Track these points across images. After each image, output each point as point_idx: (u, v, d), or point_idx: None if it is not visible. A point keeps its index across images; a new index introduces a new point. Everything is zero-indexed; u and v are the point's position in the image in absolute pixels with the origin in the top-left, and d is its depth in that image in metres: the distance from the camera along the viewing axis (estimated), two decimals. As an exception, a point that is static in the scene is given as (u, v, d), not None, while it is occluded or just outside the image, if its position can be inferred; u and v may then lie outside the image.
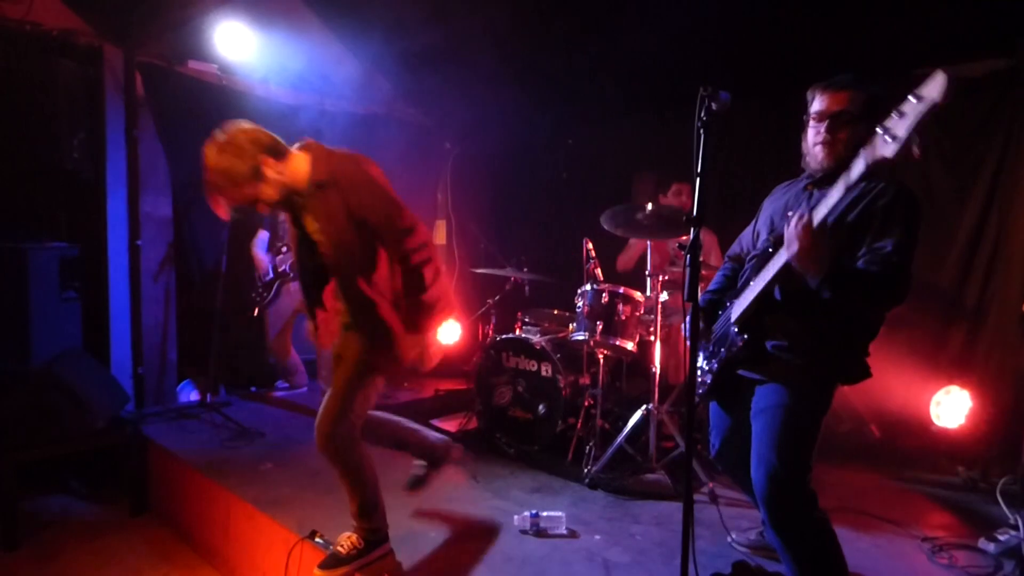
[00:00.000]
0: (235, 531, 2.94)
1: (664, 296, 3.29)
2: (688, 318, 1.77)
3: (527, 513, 2.66)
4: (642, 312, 3.42)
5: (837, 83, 1.92)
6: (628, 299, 3.37)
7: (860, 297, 1.81)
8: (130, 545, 3.22)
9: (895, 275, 1.78)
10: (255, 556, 2.80)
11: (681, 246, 3.85)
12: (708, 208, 1.95)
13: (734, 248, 2.37)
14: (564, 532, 2.64)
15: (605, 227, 3.60)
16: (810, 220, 1.72)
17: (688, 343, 2.18)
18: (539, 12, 4.24)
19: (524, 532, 2.63)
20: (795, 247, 1.74)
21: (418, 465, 2.69)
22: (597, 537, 2.63)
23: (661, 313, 3.30)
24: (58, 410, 3.36)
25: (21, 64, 4.05)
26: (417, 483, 2.67)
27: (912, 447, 3.49)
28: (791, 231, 1.75)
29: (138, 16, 4.05)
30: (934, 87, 1.45)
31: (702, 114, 1.76)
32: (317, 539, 2.47)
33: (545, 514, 2.67)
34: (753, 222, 2.29)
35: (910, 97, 1.50)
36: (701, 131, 1.75)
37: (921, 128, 1.49)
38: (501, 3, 4.19)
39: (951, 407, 3.38)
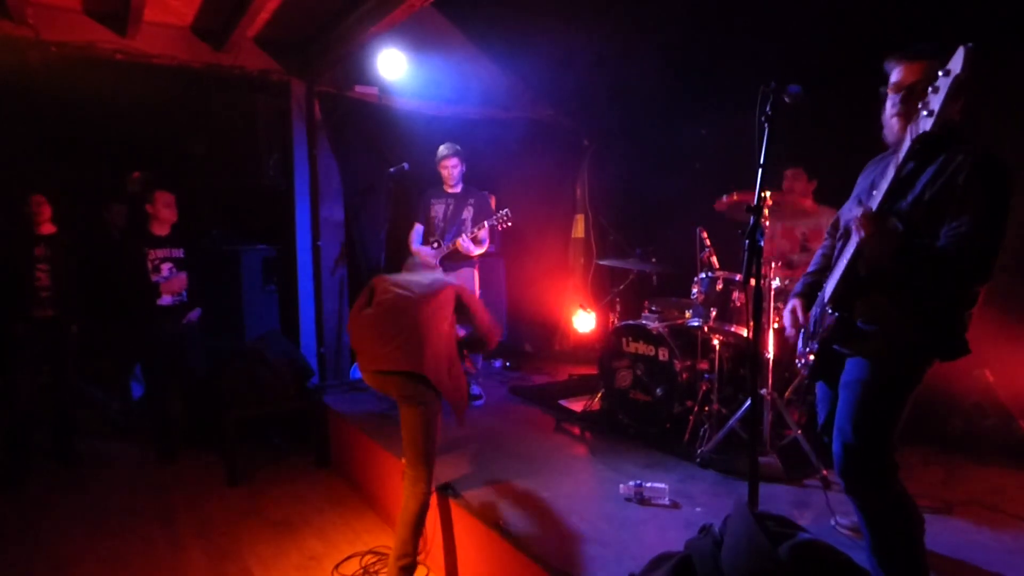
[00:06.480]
0: (389, 483, 3.52)
1: (776, 282, 3.29)
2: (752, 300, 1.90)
3: (632, 483, 2.89)
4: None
5: (913, 53, 1.83)
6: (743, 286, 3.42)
7: (935, 277, 1.80)
8: (316, 490, 3.97)
9: (972, 254, 1.74)
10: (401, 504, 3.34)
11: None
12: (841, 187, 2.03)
13: (833, 225, 2.38)
14: (666, 503, 2.82)
15: (725, 216, 3.67)
16: (868, 210, 1.77)
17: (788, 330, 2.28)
18: (669, 9, 4.33)
19: (628, 500, 2.86)
20: (860, 235, 1.80)
21: None
22: (698, 509, 2.78)
23: (782, 300, 3.31)
24: (262, 379, 4.22)
25: (232, 101, 5.09)
26: None
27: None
28: (854, 222, 1.81)
29: (315, 52, 4.85)
30: (956, 61, 1.47)
31: (767, 108, 1.89)
32: (448, 490, 2.93)
33: (649, 485, 2.87)
34: (850, 199, 2.28)
35: (940, 72, 1.53)
36: (765, 125, 1.88)
37: (951, 100, 1.52)
38: (633, 4, 4.36)
39: None
